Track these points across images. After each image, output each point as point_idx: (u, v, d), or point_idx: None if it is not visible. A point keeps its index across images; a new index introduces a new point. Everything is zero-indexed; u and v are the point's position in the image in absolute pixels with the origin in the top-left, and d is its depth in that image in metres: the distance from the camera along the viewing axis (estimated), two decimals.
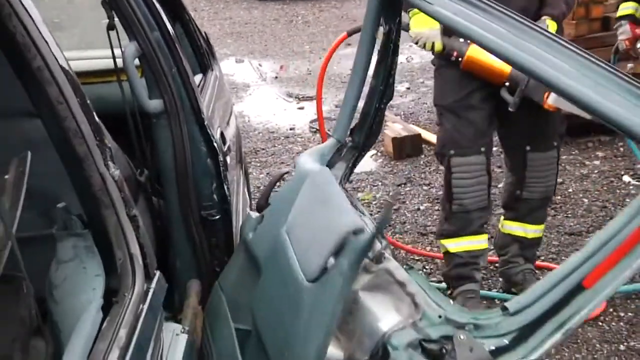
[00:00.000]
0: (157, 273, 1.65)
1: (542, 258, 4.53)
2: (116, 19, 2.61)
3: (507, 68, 3.43)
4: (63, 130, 1.52)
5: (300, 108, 8.33)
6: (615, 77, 1.88)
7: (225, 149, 2.98)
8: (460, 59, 3.51)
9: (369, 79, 2.56)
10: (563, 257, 4.51)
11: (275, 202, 2.46)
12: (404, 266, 1.97)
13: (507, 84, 3.52)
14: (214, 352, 2.31)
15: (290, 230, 2.09)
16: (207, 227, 2.73)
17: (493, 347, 1.64)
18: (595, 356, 3.59)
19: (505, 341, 1.65)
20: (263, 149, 7.13)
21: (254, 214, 2.53)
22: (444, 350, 1.65)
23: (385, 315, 1.78)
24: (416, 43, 3.54)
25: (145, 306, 1.52)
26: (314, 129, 7.39)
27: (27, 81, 1.52)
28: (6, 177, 1.78)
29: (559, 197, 5.33)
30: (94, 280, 1.52)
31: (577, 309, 1.64)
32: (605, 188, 5.34)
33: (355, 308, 1.83)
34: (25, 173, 1.75)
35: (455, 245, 3.73)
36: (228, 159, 3.00)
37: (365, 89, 2.55)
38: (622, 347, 3.64)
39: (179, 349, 1.64)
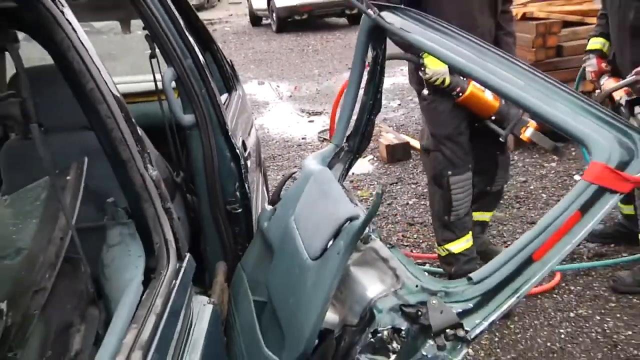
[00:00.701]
0: (188, 255, 1.66)
1: (508, 243, 4.53)
2: (157, 50, 2.64)
3: (496, 103, 3.47)
4: (111, 140, 1.54)
5: (310, 121, 8.33)
6: (560, 89, 1.92)
7: (246, 154, 2.98)
8: (461, 93, 3.47)
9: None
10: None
11: (285, 197, 2.48)
12: (387, 245, 1.99)
13: (493, 117, 3.54)
14: (237, 320, 2.34)
15: (297, 219, 2.11)
16: (231, 219, 2.74)
17: (460, 310, 1.67)
18: (550, 322, 3.60)
19: (470, 305, 1.68)
20: (279, 155, 7.15)
21: (269, 207, 2.56)
22: (419, 313, 1.66)
23: (371, 285, 1.81)
24: (429, 79, 3.44)
25: (178, 281, 1.53)
26: (322, 139, 7.40)
27: (83, 100, 1.53)
28: (68, 178, 1.81)
29: (522, 193, 5.34)
30: (136, 260, 1.54)
31: (528, 277, 1.68)
32: (560, 185, 5.32)
33: (347, 280, 1.85)
34: (82, 174, 1.78)
35: (458, 246, 3.73)
36: (248, 163, 3.01)
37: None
38: (571, 315, 3.65)
39: (205, 316, 1.64)
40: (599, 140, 1.78)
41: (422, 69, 3.37)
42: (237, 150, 2.77)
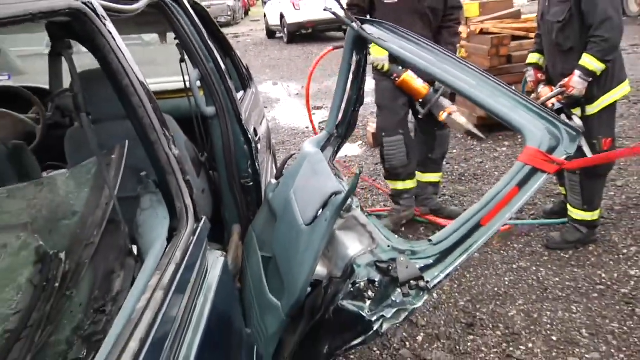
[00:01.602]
0: (204, 217, 1.66)
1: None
2: (186, 56, 2.64)
3: (424, 90, 3.78)
4: (142, 125, 1.54)
5: (312, 114, 8.28)
6: (504, 89, 1.94)
7: (257, 139, 2.99)
8: (397, 78, 3.79)
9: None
10: None
11: (287, 173, 2.49)
12: (365, 213, 2.00)
13: (420, 100, 3.84)
14: (248, 271, 2.35)
15: (296, 192, 2.12)
16: (244, 190, 2.75)
17: (422, 265, 1.71)
18: (498, 272, 3.62)
19: (431, 261, 1.71)
20: (287, 141, 7.13)
21: (274, 181, 2.57)
22: (390, 268, 1.69)
23: (352, 245, 1.84)
24: (372, 63, 3.75)
25: (195, 238, 1.53)
26: (321, 128, 7.34)
27: (120, 94, 1.53)
28: (112, 157, 1.81)
29: (479, 171, 5.33)
30: (163, 221, 1.54)
31: (476, 239, 1.72)
32: (509, 165, 5.29)
33: (333, 241, 1.88)
34: (124, 154, 1.78)
35: (395, 186, 4.18)
36: (259, 146, 3.02)
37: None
38: (514, 266, 3.68)
39: (218, 267, 1.64)
40: (532, 129, 1.83)
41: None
42: (249, 136, 2.78)
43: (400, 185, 4.15)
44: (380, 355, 2.93)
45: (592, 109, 3.40)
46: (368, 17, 3.79)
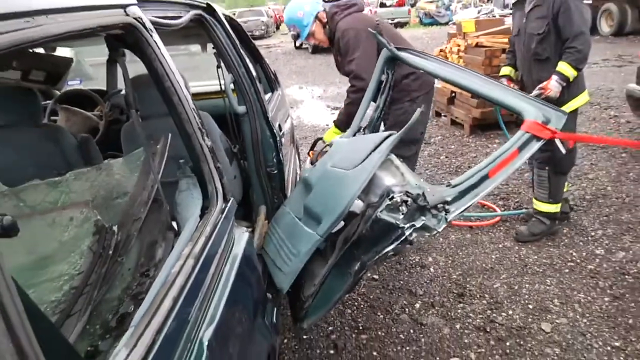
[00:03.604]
0: (232, 199, 1.67)
1: None
2: (222, 63, 2.65)
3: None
4: (181, 120, 1.55)
5: (332, 113, 8.28)
6: (503, 86, 2.16)
7: (281, 134, 2.99)
8: None
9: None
10: None
11: (321, 160, 2.49)
12: (399, 158, 2.06)
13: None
14: (277, 230, 2.35)
15: (335, 164, 2.12)
16: (270, 177, 2.74)
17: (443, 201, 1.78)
18: (485, 251, 3.60)
19: (449, 199, 1.77)
20: (310, 136, 7.11)
21: (310, 166, 2.59)
22: (418, 197, 1.76)
23: (388, 179, 1.88)
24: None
25: (223, 215, 1.55)
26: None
27: (163, 94, 1.54)
28: (157, 147, 1.84)
29: (473, 164, 5.24)
30: (197, 201, 1.56)
31: (484, 188, 1.80)
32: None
33: (373, 177, 1.89)
34: (167, 145, 1.80)
35: None
36: (283, 140, 3.02)
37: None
38: (500, 246, 3.65)
39: (243, 240, 1.65)
40: (530, 109, 1.96)
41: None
42: (275, 131, 2.78)
43: None
44: (383, 319, 2.94)
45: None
46: None
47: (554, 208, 3.61)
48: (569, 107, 3.32)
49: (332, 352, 2.70)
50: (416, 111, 1.93)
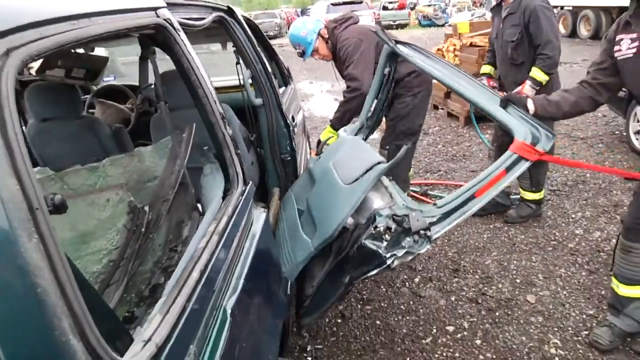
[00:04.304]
0: (250, 182, 1.66)
1: (464, 179, 4.50)
2: (240, 60, 2.63)
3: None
4: (205, 111, 1.54)
5: None
6: (493, 98, 2.00)
7: (294, 124, 2.98)
8: None
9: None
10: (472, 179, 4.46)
11: (326, 151, 2.49)
12: (388, 178, 2.01)
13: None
14: (284, 219, 2.34)
15: (335, 163, 2.09)
16: (283, 163, 2.74)
17: (428, 221, 1.73)
18: (478, 231, 3.58)
19: (434, 219, 1.73)
20: (319, 127, 7.03)
21: (315, 157, 2.57)
22: (404, 220, 1.72)
23: (376, 201, 1.84)
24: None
25: (243, 197, 1.54)
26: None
27: (189, 87, 1.53)
28: (183, 135, 1.83)
29: (467, 153, 5.24)
30: (219, 184, 1.55)
31: (470, 207, 1.75)
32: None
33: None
34: (192, 133, 1.80)
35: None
36: (296, 129, 3.01)
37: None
38: (491, 226, 3.63)
39: (261, 219, 1.64)
40: (519, 128, 1.86)
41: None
42: (288, 121, 2.77)
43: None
44: (385, 292, 2.95)
45: None
46: None
47: (538, 195, 3.56)
48: None
49: (339, 321, 2.72)
50: (403, 147, 1.85)
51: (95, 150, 2.43)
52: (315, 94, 9.67)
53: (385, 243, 1.71)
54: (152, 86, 2.64)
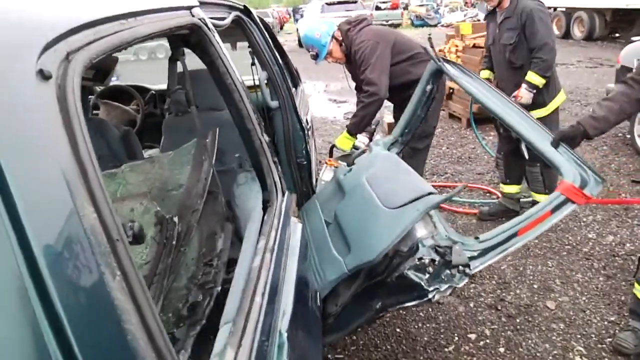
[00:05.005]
0: (287, 192, 1.58)
1: (470, 182, 4.46)
2: (256, 60, 2.56)
3: None
4: (241, 116, 1.46)
5: (338, 107, 8.18)
6: (548, 135, 1.96)
7: (308, 127, 2.91)
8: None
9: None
10: (478, 182, 4.45)
11: (358, 163, 2.37)
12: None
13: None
14: (307, 228, 2.23)
15: (370, 179, 1.96)
16: (300, 167, 2.67)
17: (469, 255, 1.70)
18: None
19: (475, 254, 1.70)
20: (318, 127, 6.95)
21: (346, 167, 2.41)
22: (446, 252, 1.68)
23: (419, 229, 1.77)
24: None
25: (283, 210, 1.47)
26: (346, 118, 7.25)
27: (223, 91, 1.45)
28: (207, 140, 1.75)
29: (472, 155, 5.20)
30: (257, 194, 1.47)
31: (511, 245, 1.72)
32: (493, 150, 5.12)
33: None
34: (216, 137, 1.71)
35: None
36: (309, 133, 2.94)
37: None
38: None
39: (298, 231, 1.53)
40: (570, 170, 1.81)
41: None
42: (303, 124, 2.69)
43: None
44: None
45: (545, 111, 3.30)
46: None
47: None
48: (550, 107, 3.31)
49: (359, 329, 2.63)
50: (460, 185, 1.80)
51: (104, 154, 2.32)
52: (311, 95, 9.57)
53: (427, 275, 1.67)
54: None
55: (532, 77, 3.16)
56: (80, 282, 0.51)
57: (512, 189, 3.69)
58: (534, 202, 3.55)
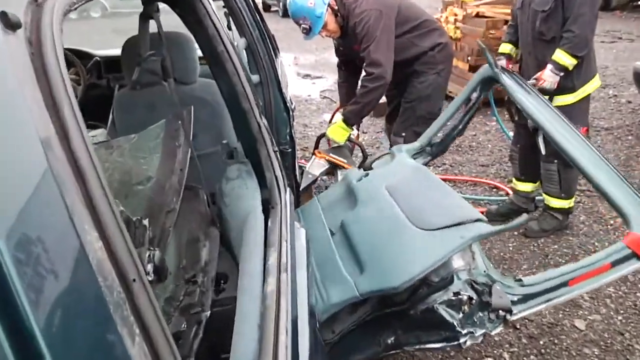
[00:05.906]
0: (288, 188, 1.48)
1: (472, 175, 4.46)
2: (232, 23, 2.44)
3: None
4: (235, 92, 1.35)
5: (313, 83, 8.06)
6: (610, 168, 1.98)
7: (292, 108, 2.81)
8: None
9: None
10: (482, 175, 4.46)
11: (376, 169, 2.31)
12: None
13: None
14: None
15: (392, 190, 1.91)
16: (283, 155, 2.56)
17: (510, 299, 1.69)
18: (502, 238, 3.50)
19: (515, 299, 1.68)
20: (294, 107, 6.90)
21: (360, 170, 2.36)
22: (484, 291, 1.66)
23: (456, 259, 1.72)
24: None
25: (289, 212, 1.38)
26: (323, 96, 7.15)
27: (213, 60, 1.33)
28: (179, 122, 1.62)
29: (474, 143, 5.19)
30: (254, 192, 1.36)
31: (559, 295, 1.71)
32: (498, 138, 5.21)
33: None
34: (191, 118, 1.59)
35: None
36: (292, 114, 2.84)
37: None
38: (516, 233, 3.55)
39: (302, 237, 1.44)
40: (638, 217, 1.76)
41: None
42: (288, 104, 2.59)
43: None
44: None
45: (573, 97, 3.15)
46: None
47: (567, 203, 3.41)
48: (579, 94, 3.15)
49: None
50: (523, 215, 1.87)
51: None
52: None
53: (461, 315, 1.63)
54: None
55: (561, 56, 2.97)
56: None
57: (526, 186, 3.64)
58: (545, 205, 3.51)
